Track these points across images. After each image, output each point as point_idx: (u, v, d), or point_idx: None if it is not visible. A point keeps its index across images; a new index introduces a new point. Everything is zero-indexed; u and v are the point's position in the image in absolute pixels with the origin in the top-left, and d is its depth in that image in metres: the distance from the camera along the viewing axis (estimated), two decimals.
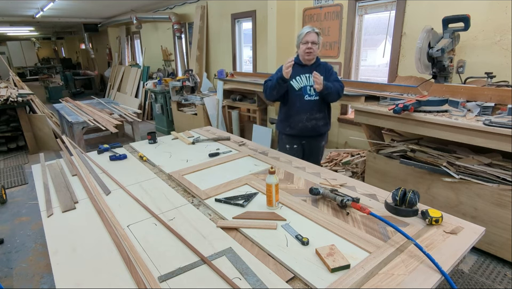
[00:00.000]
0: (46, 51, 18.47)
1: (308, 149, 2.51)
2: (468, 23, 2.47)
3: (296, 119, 2.42)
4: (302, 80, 2.38)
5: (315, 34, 2.28)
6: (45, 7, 7.12)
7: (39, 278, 2.24)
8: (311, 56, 2.33)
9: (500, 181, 2.09)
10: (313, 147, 2.53)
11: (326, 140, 2.64)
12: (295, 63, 2.35)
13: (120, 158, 2.24)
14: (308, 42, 2.27)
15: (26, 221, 3.00)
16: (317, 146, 2.55)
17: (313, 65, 2.39)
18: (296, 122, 2.43)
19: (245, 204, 1.54)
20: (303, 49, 2.31)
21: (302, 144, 2.50)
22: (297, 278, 1.07)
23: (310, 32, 2.27)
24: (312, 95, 2.37)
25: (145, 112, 7.40)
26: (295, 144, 2.49)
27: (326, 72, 2.41)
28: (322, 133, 2.51)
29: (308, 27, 2.30)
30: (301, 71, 2.38)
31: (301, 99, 2.39)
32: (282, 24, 4.08)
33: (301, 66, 2.39)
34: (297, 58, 2.39)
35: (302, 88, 2.38)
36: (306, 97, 2.38)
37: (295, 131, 2.46)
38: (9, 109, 4.88)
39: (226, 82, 4.69)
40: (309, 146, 2.51)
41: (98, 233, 1.36)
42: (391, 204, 1.44)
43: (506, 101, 2.19)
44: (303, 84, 2.38)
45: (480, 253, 2.31)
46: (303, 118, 2.40)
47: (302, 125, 2.42)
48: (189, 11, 6.23)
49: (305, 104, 2.38)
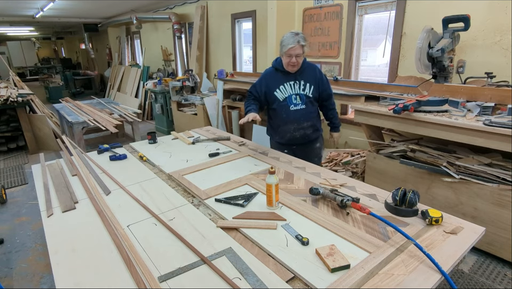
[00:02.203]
0: (46, 51, 18.47)
1: (300, 153, 2.35)
2: (468, 23, 2.47)
3: (284, 129, 2.31)
4: (286, 89, 2.23)
5: (300, 47, 2.06)
6: (45, 7, 7.12)
7: (39, 278, 2.24)
8: (295, 68, 2.18)
9: (500, 181, 2.09)
10: (307, 151, 2.41)
11: (321, 142, 2.52)
12: (278, 70, 2.23)
13: (120, 158, 2.24)
14: (292, 56, 2.08)
15: (26, 221, 3.00)
16: (310, 150, 2.44)
17: (297, 72, 2.23)
18: (284, 132, 2.32)
19: (245, 204, 1.54)
20: (287, 61, 2.13)
21: (292, 149, 2.38)
22: (297, 278, 1.07)
23: (294, 47, 2.05)
24: (298, 104, 2.24)
25: (145, 112, 7.40)
26: (285, 150, 2.37)
27: (315, 77, 2.25)
28: (312, 139, 2.40)
29: (291, 38, 2.05)
30: (285, 79, 2.22)
31: (287, 110, 2.25)
32: (282, 24, 4.08)
33: (284, 73, 2.22)
34: (280, 64, 2.22)
35: (286, 98, 2.23)
36: (292, 107, 2.24)
37: (284, 141, 2.37)
38: (9, 109, 4.89)
39: (226, 82, 4.70)
40: (301, 151, 2.38)
41: (98, 233, 1.36)
42: (391, 204, 1.44)
43: (506, 101, 2.19)
44: (288, 94, 2.23)
45: (480, 253, 2.31)
46: (290, 128, 2.29)
47: (290, 135, 2.31)
48: (189, 11, 6.23)
49: (291, 114, 2.25)
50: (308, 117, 2.29)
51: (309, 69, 2.27)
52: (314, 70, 2.29)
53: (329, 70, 3.92)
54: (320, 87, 2.28)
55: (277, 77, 2.23)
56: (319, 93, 2.28)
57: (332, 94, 2.39)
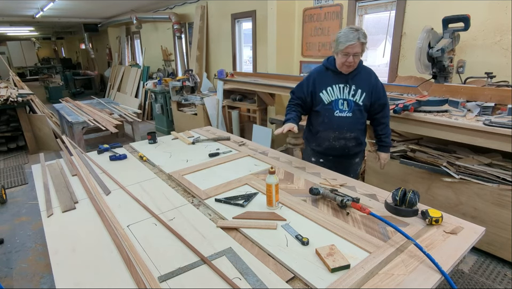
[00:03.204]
0: (46, 51, 18.47)
1: (337, 166, 2.06)
2: (468, 23, 2.47)
3: (323, 136, 2.04)
4: (334, 91, 1.94)
5: (360, 44, 1.76)
6: (45, 7, 7.12)
7: (39, 278, 2.24)
8: (350, 69, 1.89)
9: (500, 181, 2.09)
10: (344, 165, 2.10)
11: (362, 157, 2.20)
12: (329, 70, 1.95)
13: (120, 158, 2.24)
14: (349, 54, 1.78)
15: (26, 221, 3.00)
16: (348, 164, 2.13)
17: (350, 74, 1.92)
18: (323, 139, 2.05)
19: (245, 204, 1.54)
20: (342, 61, 1.83)
21: (329, 160, 2.11)
22: (297, 278, 1.07)
23: (353, 44, 1.74)
24: (344, 110, 1.94)
25: (145, 112, 7.40)
26: (321, 159, 2.13)
27: (369, 83, 1.93)
28: (352, 153, 2.08)
29: (351, 34, 1.74)
30: (335, 80, 1.94)
31: (330, 115, 1.96)
32: (282, 24, 4.08)
33: (335, 74, 1.93)
34: (332, 63, 1.94)
35: (332, 102, 1.95)
36: (337, 113, 1.95)
37: (321, 149, 2.10)
38: (9, 109, 4.89)
39: (226, 82, 4.70)
40: (338, 164, 2.09)
41: (98, 233, 1.36)
42: (391, 204, 1.44)
43: (506, 101, 2.19)
44: (335, 97, 1.94)
45: (480, 253, 2.31)
46: (330, 136, 2.00)
47: (329, 144, 2.03)
48: (189, 11, 6.23)
49: (334, 121, 1.96)
50: (353, 128, 1.98)
51: (364, 73, 1.95)
52: (370, 74, 1.97)
53: None
54: (373, 95, 1.95)
55: (326, 76, 1.96)
56: (371, 102, 1.96)
57: (386, 105, 2.04)
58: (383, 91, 2.01)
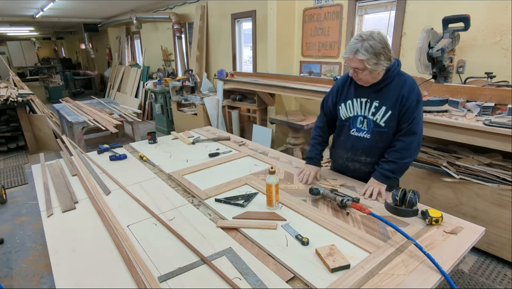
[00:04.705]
0: (46, 51, 18.48)
1: None
2: (468, 23, 2.47)
3: (337, 152, 1.83)
4: (354, 107, 1.64)
5: (358, 61, 1.45)
6: (45, 7, 7.12)
7: (39, 278, 2.24)
8: (362, 82, 1.57)
9: (500, 181, 2.09)
10: None
11: None
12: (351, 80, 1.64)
13: (120, 158, 2.24)
14: (351, 67, 1.53)
15: (26, 221, 3.00)
16: None
17: (376, 85, 1.56)
18: (337, 156, 1.84)
19: (245, 204, 1.54)
20: (350, 72, 1.56)
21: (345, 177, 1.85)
22: (297, 278, 1.07)
23: (350, 58, 1.48)
24: (361, 130, 1.65)
25: (145, 112, 7.40)
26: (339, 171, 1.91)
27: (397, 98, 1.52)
28: (367, 179, 1.70)
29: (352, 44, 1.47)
30: (357, 93, 1.63)
31: (346, 133, 1.71)
32: (282, 24, 4.08)
33: (358, 84, 1.61)
34: None
35: (350, 118, 1.68)
36: (353, 132, 1.68)
37: (335, 165, 1.91)
38: (9, 109, 4.89)
39: (226, 82, 4.69)
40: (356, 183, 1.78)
41: (98, 233, 1.36)
42: (391, 204, 1.44)
43: (506, 101, 2.19)
44: (354, 113, 1.65)
45: (480, 253, 2.31)
46: (344, 155, 1.77)
47: (342, 162, 1.81)
48: (189, 11, 6.23)
49: (349, 140, 1.71)
50: (370, 152, 1.67)
51: (394, 86, 1.54)
52: (402, 88, 1.53)
53: (329, 70, 3.92)
54: (400, 113, 1.55)
55: (349, 87, 1.67)
56: (397, 121, 1.57)
57: (413, 132, 1.55)
58: (416, 112, 1.53)
